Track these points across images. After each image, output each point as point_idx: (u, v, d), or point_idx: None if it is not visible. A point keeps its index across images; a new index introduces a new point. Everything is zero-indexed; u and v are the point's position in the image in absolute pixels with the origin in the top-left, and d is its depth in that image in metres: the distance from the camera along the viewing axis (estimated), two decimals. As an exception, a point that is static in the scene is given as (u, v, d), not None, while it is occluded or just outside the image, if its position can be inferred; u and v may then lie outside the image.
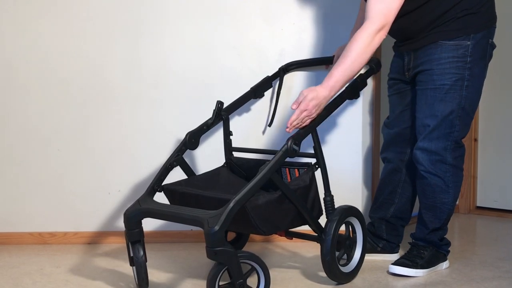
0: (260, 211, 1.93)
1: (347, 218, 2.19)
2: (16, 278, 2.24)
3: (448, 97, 2.17)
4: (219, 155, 2.43)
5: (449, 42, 2.16)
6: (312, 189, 2.11)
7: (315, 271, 2.31)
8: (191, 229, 2.74)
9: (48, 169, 2.75)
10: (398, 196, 2.45)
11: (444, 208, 2.27)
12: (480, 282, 2.19)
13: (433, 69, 2.18)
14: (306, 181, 2.08)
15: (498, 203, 3.53)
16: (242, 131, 2.71)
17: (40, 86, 2.73)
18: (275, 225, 2.02)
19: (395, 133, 2.42)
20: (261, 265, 1.90)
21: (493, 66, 3.53)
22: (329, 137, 2.79)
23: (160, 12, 2.74)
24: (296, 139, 2.03)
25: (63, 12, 2.72)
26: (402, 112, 2.40)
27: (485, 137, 3.58)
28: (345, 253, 2.23)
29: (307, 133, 2.10)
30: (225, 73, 2.74)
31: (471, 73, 2.17)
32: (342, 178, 2.79)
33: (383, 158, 2.50)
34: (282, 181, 2.02)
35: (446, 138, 2.20)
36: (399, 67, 2.36)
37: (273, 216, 1.99)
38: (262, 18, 2.74)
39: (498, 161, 3.53)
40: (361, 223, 2.25)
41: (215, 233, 1.74)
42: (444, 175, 2.23)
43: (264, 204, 1.94)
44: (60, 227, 2.78)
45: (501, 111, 3.52)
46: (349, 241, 2.23)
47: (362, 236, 2.26)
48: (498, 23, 2.37)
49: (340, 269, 2.15)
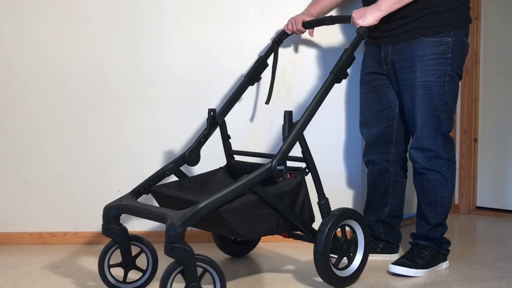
0: (234, 214, 1.91)
1: (343, 221, 2.13)
2: (16, 278, 2.24)
3: (433, 94, 2.22)
4: (220, 155, 2.43)
5: (431, 39, 2.20)
6: (301, 193, 2.07)
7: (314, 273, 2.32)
8: (191, 229, 2.74)
9: (47, 169, 2.75)
10: (390, 196, 2.47)
11: (444, 202, 2.31)
12: (480, 282, 2.19)
13: (416, 66, 2.22)
14: (292, 185, 2.05)
15: (498, 203, 3.53)
16: (244, 133, 2.71)
17: (40, 86, 2.73)
18: (254, 229, 1.99)
19: (376, 134, 2.43)
20: (217, 270, 1.82)
21: (493, 66, 3.55)
22: (329, 138, 2.79)
23: (159, 12, 2.74)
24: (280, 159, 1.99)
25: (62, 12, 2.72)
26: (381, 110, 2.41)
27: (485, 137, 3.58)
28: (344, 257, 2.17)
29: (291, 147, 2.04)
30: (225, 73, 2.74)
31: (452, 68, 2.22)
32: (341, 180, 2.81)
33: (367, 161, 2.50)
34: (259, 186, 1.96)
35: (435, 134, 2.25)
36: (376, 60, 2.37)
37: (251, 220, 1.96)
38: (262, 18, 2.74)
39: (498, 162, 3.53)
40: (361, 224, 2.19)
41: (175, 228, 1.74)
42: (441, 169, 2.27)
43: (238, 207, 1.91)
44: (60, 227, 2.78)
45: (501, 111, 3.52)
46: (346, 245, 2.16)
47: (364, 239, 2.19)
48: (498, 23, 2.38)
49: (336, 273, 2.10)
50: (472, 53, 3.51)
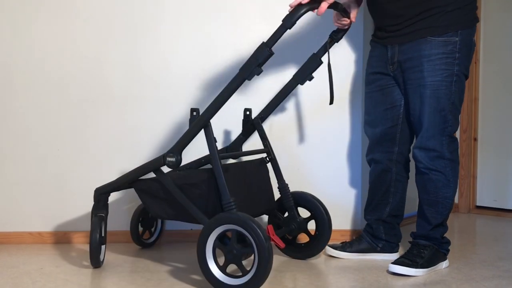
0: (145, 192, 2.24)
1: (225, 227, 2.00)
2: (16, 278, 2.23)
3: (440, 94, 2.20)
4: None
5: (438, 38, 2.18)
6: (211, 188, 2.09)
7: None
8: (191, 228, 2.74)
9: (47, 169, 2.75)
10: (392, 195, 2.47)
11: (446, 203, 2.30)
12: (480, 282, 2.19)
13: (423, 66, 2.20)
14: (201, 178, 2.11)
15: (498, 202, 3.53)
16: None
17: (40, 86, 2.73)
18: (161, 211, 2.23)
19: (380, 133, 2.42)
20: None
21: (493, 66, 3.55)
22: (328, 138, 2.79)
23: (159, 13, 2.74)
24: (171, 151, 2.13)
25: (62, 12, 2.72)
26: (386, 110, 2.40)
27: (485, 137, 3.58)
28: (236, 265, 2.02)
29: (185, 141, 2.10)
30: (225, 73, 2.74)
31: (459, 68, 2.20)
32: (342, 180, 2.80)
33: (370, 160, 2.50)
34: (162, 173, 2.17)
35: (441, 134, 2.24)
36: (382, 60, 2.36)
37: (159, 202, 2.21)
38: (262, 18, 2.74)
39: (498, 161, 3.53)
40: (251, 234, 1.94)
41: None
42: (444, 170, 2.26)
43: (148, 188, 2.23)
44: (60, 227, 2.78)
45: (501, 111, 3.52)
46: (237, 252, 1.99)
47: (256, 251, 1.94)
48: (498, 23, 2.38)
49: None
50: (472, 53, 3.51)
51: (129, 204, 2.77)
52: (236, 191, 2.10)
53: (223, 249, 2.03)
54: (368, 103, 2.46)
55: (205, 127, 2.08)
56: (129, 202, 2.76)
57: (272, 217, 2.48)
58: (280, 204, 2.45)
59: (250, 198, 2.26)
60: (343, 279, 2.23)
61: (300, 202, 2.47)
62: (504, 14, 3.44)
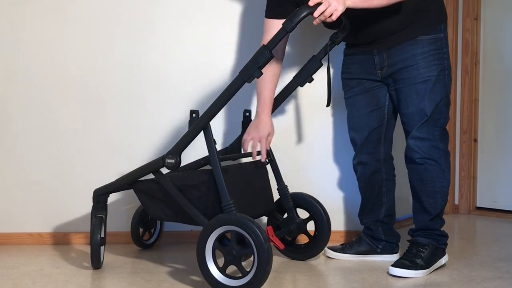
0: (144, 193, 2.26)
1: (225, 228, 2.00)
2: (16, 279, 2.23)
3: (437, 87, 2.26)
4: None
5: (427, 37, 2.26)
6: (211, 190, 2.09)
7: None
8: (191, 229, 2.74)
9: (48, 170, 2.75)
10: (385, 195, 2.49)
11: (443, 192, 2.33)
12: (480, 283, 2.19)
13: (418, 63, 2.25)
14: (200, 180, 2.11)
15: (498, 203, 3.53)
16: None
17: (40, 86, 2.73)
18: (159, 212, 2.23)
19: (366, 136, 2.44)
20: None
21: (493, 66, 3.55)
22: (327, 139, 2.79)
23: (159, 13, 2.74)
24: (170, 153, 2.13)
25: (62, 12, 2.72)
26: (371, 112, 2.41)
27: (485, 137, 3.58)
28: (236, 266, 2.02)
29: (185, 143, 2.12)
30: (225, 74, 2.74)
31: (447, 62, 2.30)
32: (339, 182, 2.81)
33: (357, 163, 2.50)
34: (161, 175, 2.17)
35: (434, 125, 2.29)
36: (365, 66, 2.37)
37: (158, 203, 2.22)
38: (262, 19, 2.74)
39: (497, 161, 3.53)
40: (250, 235, 1.94)
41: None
42: (439, 160, 2.30)
43: (146, 189, 2.24)
44: (60, 227, 2.78)
45: (501, 111, 3.52)
46: (237, 253, 1.99)
47: (256, 252, 1.94)
48: (498, 23, 2.40)
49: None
50: (472, 53, 3.51)
51: (128, 205, 2.77)
52: (235, 193, 2.09)
53: (222, 250, 2.02)
54: (350, 107, 2.47)
55: (204, 129, 2.08)
56: (129, 203, 2.76)
57: (272, 218, 2.48)
58: (280, 205, 2.46)
59: (250, 199, 2.26)
60: (343, 280, 2.23)
61: (299, 203, 2.47)
62: (504, 14, 3.43)
